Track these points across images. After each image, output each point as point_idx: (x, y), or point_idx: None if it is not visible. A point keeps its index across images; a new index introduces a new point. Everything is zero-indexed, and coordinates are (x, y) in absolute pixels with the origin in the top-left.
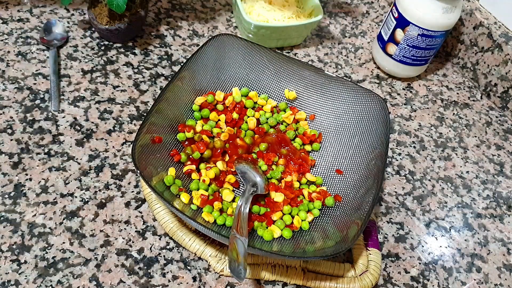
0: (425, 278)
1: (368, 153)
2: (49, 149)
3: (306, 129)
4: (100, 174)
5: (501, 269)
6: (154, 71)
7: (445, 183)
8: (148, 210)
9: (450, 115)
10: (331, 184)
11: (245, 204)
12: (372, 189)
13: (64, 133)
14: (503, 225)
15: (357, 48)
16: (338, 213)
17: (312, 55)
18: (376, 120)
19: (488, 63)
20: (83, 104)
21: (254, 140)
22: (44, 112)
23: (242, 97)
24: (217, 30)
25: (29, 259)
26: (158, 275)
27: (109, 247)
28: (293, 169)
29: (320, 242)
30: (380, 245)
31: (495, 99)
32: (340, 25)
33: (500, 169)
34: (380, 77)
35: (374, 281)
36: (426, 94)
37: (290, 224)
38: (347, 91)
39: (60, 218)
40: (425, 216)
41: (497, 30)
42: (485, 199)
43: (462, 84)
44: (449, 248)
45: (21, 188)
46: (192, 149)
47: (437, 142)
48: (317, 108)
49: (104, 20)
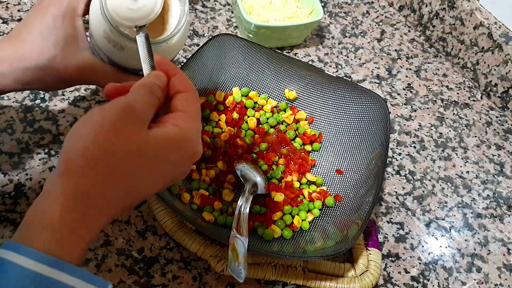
0: (425, 278)
1: (368, 153)
2: (49, 149)
3: (306, 129)
4: None
5: (501, 269)
6: None
7: (445, 183)
8: (148, 210)
9: (450, 115)
10: (331, 184)
11: (245, 204)
12: (372, 189)
13: (64, 133)
14: (503, 225)
15: (357, 48)
16: (338, 213)
17: (312, 55)
18: (376, 120)
19: (488, 63)
20: (83, 104)
21: (254, 140)
22: (44, 112)
23: (242, 97)
24: (217, 30)
25: None
26: (158, 275)
27: (109, 247)
28: (293, 169)
29: (320, 242)
30: (380, 245)
31: (495, 99)
32: (340, 25)
33: (500, 169)
34: (380, 77)
35: (374, 281)
36: (426, 94)
37: (290, 224)
38: (347, 91)
39: None
40: (425, 216)
41: (497, 30)
42: (485, 199)
43: (462, 84)
44: (449, 248)
45: (21, 188)
46: None
47: (437, 142)
48: (317, 108)
49: None
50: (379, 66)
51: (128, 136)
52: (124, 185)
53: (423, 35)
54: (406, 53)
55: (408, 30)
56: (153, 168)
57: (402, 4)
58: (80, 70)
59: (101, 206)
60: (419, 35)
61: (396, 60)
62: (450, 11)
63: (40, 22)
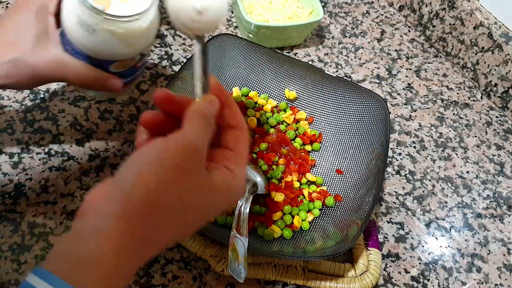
0: (425, 278)
1: (369, 153)
2: (49, 149)
3: (306, 129)
4: (101, 174)
5: (501, 269)
6: (154, 71)
7: (445, 183)
8: None
9: (450, 115)
10: (331, 184)
11: (245, 204)
12: (372, 189)
13: (64, 133)
14: (503, 225)
15: (357, 48)
16: (338, 213)
17: (312, 55)
18: (376, 120)
19: (488, 63)
20: (83, 104)
21: (255, 140)
22: (44, 112)
23: (243, 97)
24: (217, 30)
25: (29, 259)
26: (158, 275)
27: None
28: (293, 169)
29: (320, 242)
30: (380, 245)
31: (495, 99)
32: (340, 25)
33: (500, 169)
34: (380, 77)
35: (374, 281)
36: (426, 94)
37: (290, 224)
38: (347, 91)
39: (60, 218)
40: (425, 216)
41: (497, 30)
42: (485, 199)
43: (462, 84)
44: (449, 248)
45: (21, 187)
46: None
47: (437, 142)
48: (317, 108)
49: None
50: (379, 66)
51: (190, 178)
52: (178, 228)
53: (423, 35)
54: (406, 53)
55: (408, 30)
56: (206, 210)
57: (402, 4)
58: (50, 65)
59: (152, 249)
60: (419, 35)
61: (396, 60)
62: (450, 11)
63: (15, 20)
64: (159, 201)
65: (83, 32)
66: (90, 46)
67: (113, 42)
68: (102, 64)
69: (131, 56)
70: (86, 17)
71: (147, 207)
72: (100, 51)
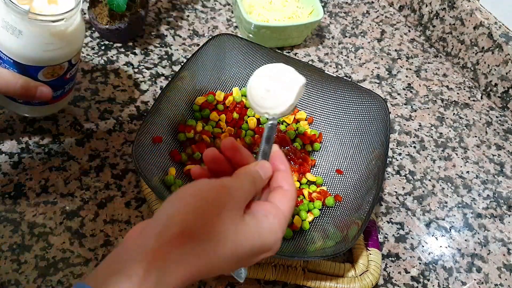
0: (425, 278)
1: (369, 153)
2: (49, 149)
3: (306, 129)
4: (100, 174)
5: (501, 269)
6: (154, 71)
7: (445, 183)
8: (148, 210)
9: (450, 115)
10: (332, 184)
11: None
12: (373, 189)
13: (64, 133)
14: (503, 225)
15: (357, 48)
16: (338, 213)
17: (312, 55)
18: (376, 120)
19: (489, 63)
20: (83, 104)
21: (255, 140)
22: None
23: (243, 97)
24: (217, 30)
25: (29, 259)
26: None
27: (109, 247)
28: (293, 169)
29: (320, 242)
30: (380, 245)
31: (495, 99)
32: (340, 25)
33: (500, 169)
34: (380, 77)
35: (374, 281)
36: (426, 94)
37: (290, 224)
38: (347, 91)
39: (60, 218)
40: (425, 216)
41: (497, 30)
42: (485, 199)
43: (462, 84)
44: (449, 248)
45: (21, 187)
46: (192, 149)
47: (437, 142)
48: (317, 108)
49: (104, 20)
50: (379, 66)
51: (218, 211)
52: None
53: (423, 35)
54: (406, 53)
55: (408, 30)
56: (235, 247)
57: (402, 4)
58: None
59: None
60: (419, 35)
61: (396, 60)
62: (450, 11)
63: None
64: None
65: (9, 36)
66: (16, 50)
67: (40, 45)
68: (30, 71)
69: (59, 62)
70: (11, 19)
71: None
72: (27, 55)
